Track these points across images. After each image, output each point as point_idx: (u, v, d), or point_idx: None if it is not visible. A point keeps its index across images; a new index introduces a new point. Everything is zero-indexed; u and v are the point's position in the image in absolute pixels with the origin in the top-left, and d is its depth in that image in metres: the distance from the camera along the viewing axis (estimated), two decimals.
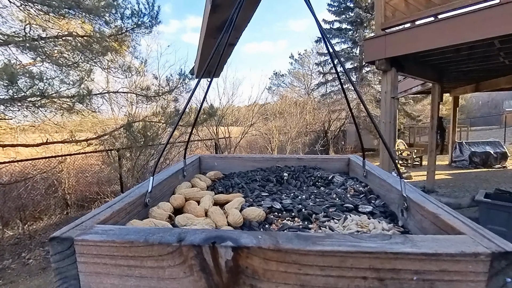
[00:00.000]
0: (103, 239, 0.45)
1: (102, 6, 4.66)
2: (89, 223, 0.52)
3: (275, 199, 0.86)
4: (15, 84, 3.56)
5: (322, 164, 1.27)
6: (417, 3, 4.60)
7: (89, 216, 0.55)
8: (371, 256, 0.39)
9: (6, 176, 5.68)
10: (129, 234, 0.46)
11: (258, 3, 1.05)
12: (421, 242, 0.42)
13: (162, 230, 0.47)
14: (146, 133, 5.61)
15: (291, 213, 0.76)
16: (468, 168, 10.04)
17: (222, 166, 1.27)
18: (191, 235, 0.44)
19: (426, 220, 0.60)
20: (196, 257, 0.42)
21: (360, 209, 0.78)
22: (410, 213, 0.68)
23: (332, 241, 0.42)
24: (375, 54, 4.83)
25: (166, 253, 0.43)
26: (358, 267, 0.40)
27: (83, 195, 6.96)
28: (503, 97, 32.20)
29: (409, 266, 0.39)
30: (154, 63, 17.34)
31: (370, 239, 0.43)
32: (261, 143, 12.06)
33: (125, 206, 0.64)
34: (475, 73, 7.26)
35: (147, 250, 0.43)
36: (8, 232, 5.33)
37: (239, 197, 0.86)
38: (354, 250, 0.40)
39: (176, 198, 0.82)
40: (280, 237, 0.43)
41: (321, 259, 0.40)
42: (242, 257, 0.41)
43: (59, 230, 0.48)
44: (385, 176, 0.90)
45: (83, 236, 0.46)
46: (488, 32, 3.62)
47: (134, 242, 0.44)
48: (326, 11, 17.83)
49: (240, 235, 0.44)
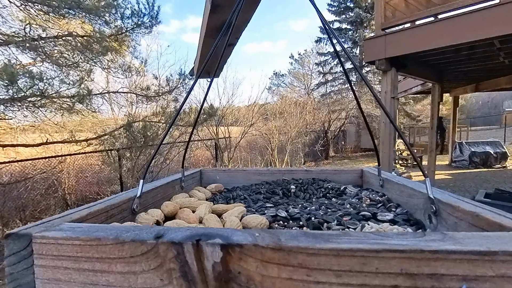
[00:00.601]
0: (65, 236, 0.38)
1: (102, 6, 4.66)
2: (58, 221, 0.45)
3: (279, 208, 0.79)
4: (15, 84, 3.56)
5: (333, 176, 1.16)
6: (417, 3, 4.60)
7: (61, 215, 0.50)
8: (403, 255, 0.30)
9: (6, 176, 5.68)
10: (99, 231, 0.38)
11: (258, 4, 1.05)
12: (467, 239, 0.32)
13: (139, 228, 0.39)
14: (146, 133, 5.62)
15: (299, 222, 0.67)
16: (468, 168, 10.03)
17: (225, 180, 1.19)
18: (173, 232, 0.36)
19: (463, 222, 0.51)
20: (176, 258, 0.34)
21: (379, 217, 0.67)
22: (441, 217, 0.58)
23: (349, 238, 0.33)
24: (375, 54, 4.83)
25: (139, 254, 0.35)
26: (386, 271, 0.30)
27: (83, 195, 6.96)
28: (503, 97, 32.21)
29: (455, 270, 0.29)
30: (154, 63, 17.37)
31: (398, 236, 0.33)
32: (261, 143, 12.06)
33: (105, 207, 0.57)
34: (475, 73, 7.26)
35: (117, 250, 0.36)
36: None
37: (239, 207, 0.79)
38: (380, 248, 0.30)
39: (167, 205, 0.74)
40: (282, 235, 0.34)
41: (336, 260, 0.30)
42: (233, 258, 0.32)
43: (23, 226, 0.42)
44: (405, 181, 0.81)
45: (44, 232, 0.39)
46: (488, 32, 3.62)
47: (102, 239, 0.36)
48: (326, 11, 17.86)
49: (233, 232, 0.35)
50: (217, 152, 9.30)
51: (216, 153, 9.30)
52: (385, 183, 0.92)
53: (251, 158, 11.24)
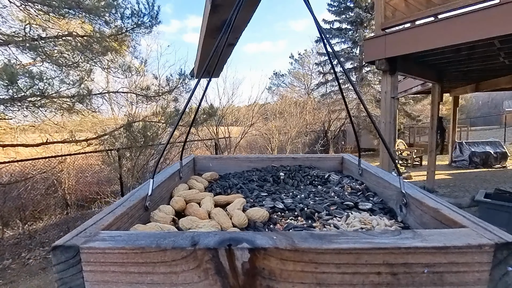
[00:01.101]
0: (111, 246, 0.43)
1: (102, 6, 4.65)
2: (93, 230, 0.49)
3: (275, 199, 0.86)
4: (15, 84, 3.56)
5: (317, 163, 1.29)
6: (417, 3, 4.60)
7: (91, 222, 0.53)
8: (385, 251, 0.41)
9: (6, 176, 5.68)
10: (139, 239, 0.44)
11: (258, 4, 1.05)
12: (430, 236, 0.44)
13: (173, 234, 0.45)
14: (146, 133, 5.61)
15: (294, 212, 0.76)
16: (468, 168, 10.04)
17: (218, 167, 1.26)
18: (205, 238, 0.43)
19: (426, 215, 0.62)
20: (212, 260, 0.41)
21: (360, 206, 0.79)
22: (410, 209, 0.70)
23: (346, 238, 0.43)
24: (375, 54, 4.83)
25: (180, 258, 0.42)
26: (372, 263, 0.41)
27: (83, 195, 6.96)
28: (503, 97, 32.20)
29: (421, 260, 0.41)
30: (154, 63, 17.37)
31: (382, 236, 0.44)
32: (261, 143, 12.07)
33: (127, 210, 0.62)
34: (475, 73, 7.26)
35: (160, 256, 0.42)
36: (8, 232, 5.33)
37: (240, 198, 0.85)
38: (370, 246, 0.41)
39: (177, 201, 0.81)
40: (295, 237, 0.43)
41: (337, 257, 0.41)
42: (259, 258, 0.41)
43: (62, 238, 0.45)
44: (382, 174, 0.92)
45: (90, 243, 0.44)
46: (488, 32, 3.62)
47: (146, 248, 0.42)
48: (326, 11, 17.83)
49: (254, 236, 0.43)
50: (217, 152, 9.31)
51: (216, 153, 9.30)
52: (364, 172, 1.03)
53: None
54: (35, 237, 5.19)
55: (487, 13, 3.62)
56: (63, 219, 6.05)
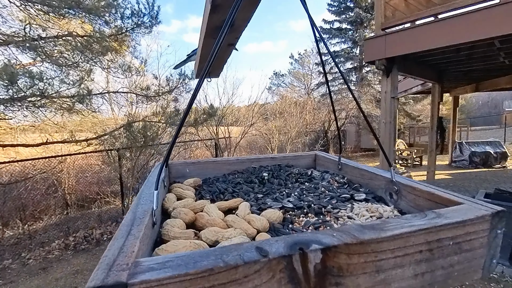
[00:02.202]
0: (171, 275, 0.36)
1: (102, 6, 4.65)
2: (126, 260, 0.41)
3: (276, 199, 0.86)
4: (15, 84, 3.56)
5: (293, 161, 1.31)
6: (417, 3, 4.60)
7: (115, 249, 0.44)
8: (426, 231, 0.47)
9: (6, 176, 5.68)
10: (198, 261, 0.38)
11: (258, 3, 1.04)
12: (449, 214, 0.52)
13: (232, 248, 0.41)
14: (146, 133, 5.61)
15: (303, 210, 0.77)
16: (468, 168, 10.03)
17: (196, 172, 1.15)
18: (271, 246, 0.41)
19: (420, 198, 0.71)
20: (286, 268, 0.39)
21: (356, 198, 0.84)
22: (401, 195, 0.77)
23: (393, 225, 0.48)
24: (375, 54, 4.83)
25: (253, 272, 0.38)
26: (417, 243, 0.47)
27: (83, 195, 6.96)
28: (503, 97, 32.21)
29: (448, 234, 0.49)
30: (154, 63, 17.40)
31: (416, 219, 0.50)
32: (261, 143, 12.06)
33: (145, 230, 0.53)
34: (475, 73, 7.26)
35: (230, 275, 0.37)
36: (8, 232, 5.33)
37: (243, 202, 0.83)
38: (415, 229, 0.47)
39: (186, 213, 0.74)
40: (352, 231, 0.46)
41: (392, 243, 0.45)
42: (330, 257, 0.41)
43: (94, 277, 0.36)
44: (364, 167, 0.99)
45: (140, 276, 0.36)
46: (488, 32, 3.62)
47: (214, 268, 0.37)
48: (326, 11, 17.85)
49: (316, 236, 0.44)
50: (217, 152, 9.30)
51: (216, 153, 9.29)
52: (343, 167, 1.09)
53: None
54: (35, 237, 5.19)
55: (487, 13, 3.62)
56: (63, 219, 6.05)
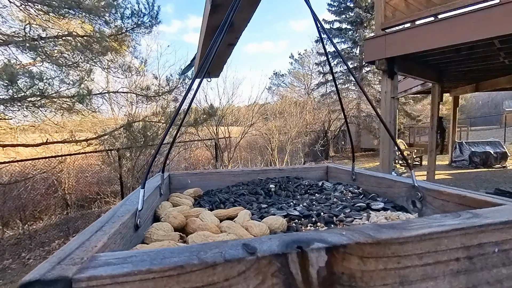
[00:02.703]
0: (129, 271, 0.28)
1: (102, 6, 4.65)
2: (83, 254, 0.34)
3: (281, 208, 0.79)
4: (15, 84, 3.56)
5: (302, 173, 1.22)
6: (417, 3, 4.60)
7: (75, 244, 0.37)
8: (462, 232, 0.38)
9: (6, 176, 5.68)
10: (167, 257, 0.31)
11: (258, 3, 1.04)
12: (488, 214, 0.42)
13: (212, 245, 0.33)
14: (146, 133, 5.61)
15: (311, 219, 0.70)
16: (468, 168, 10.03)
17: (197, 184, 1.08)
18: (262, 243, 0.33)
19: (450, 203, 0.60)
20: (280, 271, 0.31)
21: (373, 207, 0.76)
22: (426, 201, 0.66)
23: (418, 225, 0.39)
24: (375, 54, 4.83)
25: (236, 274, 0.30)
26: (452, 247, 0.37)
27: (83, 195, 6.96)
28: (503, 97, 32.21)
29: (491, 238, 0.39)
30: (154, 63, 17.33)
31: (447, 219, 0.41)
32: (261, 143, 12.06)
33: (119, 228, 0.46)
34: (475, 73, 7.26)
35: (206, 275, 0.29)
36: (8, 232, 5.33)
37: (243, 210, 0.77)
38: (448, 228, 0.37)
39: (176, 216, 0.67)
40: (367, 230, 0.37)
41: (419, 245, 0.36)
42: (337, 260, 0.32)
43: (37, 269, 0.29)
44: (381, 174, 0.90)
45: (90, 271, 0.28)
46: (488, 32, 3.62)
47: (186, 266, 0.29)
48: (326, 11, 17.83)
49: (321, 234, 0.35)
50: (217, 152, 9.30)
51: (216, 153, 9.29)
52: (358, 177, 1.00)
53: (251, 158, 11.24)
54: (35, 237, 5.19)
55: (487, 13, 3.62)
56: (63, 219, 6.05)
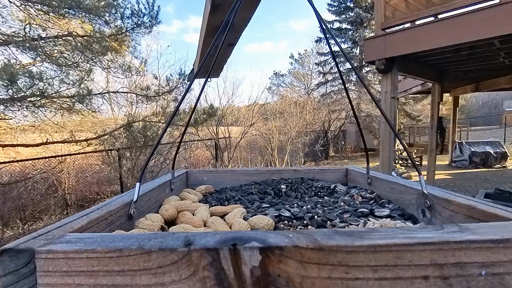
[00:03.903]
0: (78, 249, 0.33)
1: (102, 6, 4.65)
2: (58, 232, 0.40)
3: (280, 209, 0.79)
4: (15, 84, 3.56)
5: (319, 175, 1.20)
6: (417, 3, 4.61)
7: (58, 224, 0.44)
8: (432, 248, 0.32)
9: (6, 176, 5.68)
10: (116, 241, 0.35)
11: (258, 3, 1.04)
12: (481, 229, 0.36)
13: (161, 235, 0.36)
14: (146, 133, 5.61)
15: (303, 221, 0.68)
16: (468, 168, 10.03)
17: (213, 181, 1.16)
18: (202, 238, 0.34)
19: (459, 214, 0.54)
20: (211, 265, 0.32)
21: (376, 213, 0.71)
22: (435, 211, 0.61)
23: (381, 234, 0.35)
24: (375, 54, 4.83)
25: (169, 263, 0.33)
26: (418, 263, 0.32)
27: (83, 195, 6.96)
28: (503, 97, 32.22)
29: (476, 258, 0.32)
30: (154, 63, 17.32)
31: (423, 230, 0.36)
32: (261, 143, 12.06)
33: (105, 214, 0.53)
34: (475, 73, 7.26)
35: (142, 261, 0.33)
36: (8, 232, 5.33)
37: (239, 208, 0.77)
38: (413, 242, 0.32)
39: (167, 209, 0.71)
40: (317, 235, 0.35)
41: (373, 256, 0.32)
42: (273, 261, 0.32)
43: (16, 240, 0.36)
44: (395, 179, 0.86)
45: (50, 246, 0.34)
46: (488, 32, 3.62)
47: (124, 250, 0.33)
48: (326, 11, 17.85)
49: (265, 234, 0.35)
50: (217, 152, 9.30)
51: (216, 153, 9.29)
52: (373, 181, 0.95)
53: (251, 158, 11.24)
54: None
55: (487, 13, 3.62)
56: (63, 219, 6.04)
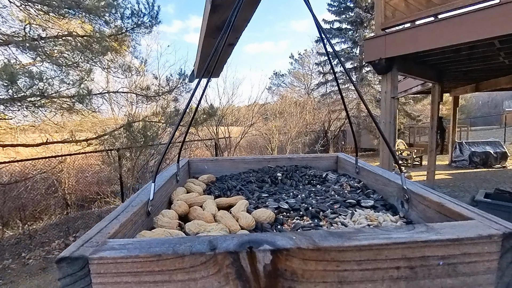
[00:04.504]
0: (124, 255, 0.40)
1: (102, 6, 4.65)
2: (99, 238, 0.47)
3: (278, 200, 0.86)
4: (15, 84, 3.56)
5: (312, 162, 1.29)
6: (417, 3, 4.60)
7: (95, 230, 0.50)
8: (404, 246, 0.42)
9: (6, 176, 5.68)
10: (153, 246, 0.42)
11: (258, 3, 1.04)
12: (442, 229, 0.45)
13: (188, 239, 0.44)
14: (146, 133, 5.61)
15: (299, 212, 0.76)
16: (468, 168, 10.03)
17: (213, 169, 1.23)
18: (223, 242, 0.42)
19: (430, 209, 0.64)
20: (233, 264, 0.40)
21: (362, 204, 0.80)
22: (412, 204, 0.71)
23: (365, 235, 0.44)
24: (375, 54, 4.83)
25: (199, 264, 0.40)
26: (392, 258, 0.42)
27: (83, 195, 6.96)
28: (503, 97, 32.22)
29: (436, 252, 0.42)
30: (154, 63, 17.28)
31: (398, 231, 0.45)
32: (261, 143, 12.07)
33: (131, 217, 0.59)
34: (475, 73, 7.26)
35: (177, 262, 0.40)
36: (8, 232, 5.33)
37: (242, 200, 0.84)
38: (389, 242, 0.42)
39: (180, 205, 0.79)
40: (315, 236, 0.43)
41: (358, 253, 0.41)
42: (281, 259, 0.40)
43: (67, 249, 0.42)
44: (380, 171, 0.93)
45: (100, 253, 0.41)
46: (488, 32, 3.62)
47: (162, 255, 0.40)
48: (326, 11, 17.83)
49: (274, 237, 0.43)
50: (217, 152, 9.30)
51: (216, 153, 9.30)
52: (361, 170, 1.04)
53: None
54: (35, 237, 5.19)
55: (487, 13, 3.62)
56: (63, 219, 6.05)
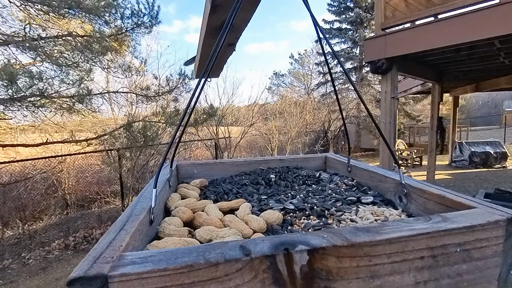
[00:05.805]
0: (150, 269, 0.36)
1: (102, 6, 4.65)
2: (112, 253, 0.41)
3: (279, 201, 0.84)
4: (14, 84, 3.56)
5: (303, 163, 1.29)
6: (417, 3, 4.60)
7: (105, 244, 0.44)
8: (428, 236, 0.44)
9: (6, 176, 5.68)
10: (179, 257, 0.38)
11: (258, 3, 1.04)
12: (456, 218, 0.48)
13: (217, 246, 0.41)
14: (146, 133, 5.61)
15: (305, 212, 0.75)
16: (468, 168, 10.03)
17: (203, 173, 1.17)
18: (256, 246, 0.40)
19: (430, 201, 0.66)
20: (269, 268, 0.38)
21: (363, 200, 0.81)
22: (411, 198, 0.73)
23: (391, 228, 0.45)
24: (375, 54, 4.82)
25: (234, 271, 0.37)
26: (417, 248, 0.43)
27: (83, 195, 6.96)
28: (503, 97, 32.21)
29: (454, 240, 0.45)
30: (154, 63, 17.26)
31: (419, 222, 0.47)
32: (261, 143, 12.06)
33: (138, 226, 0.54)
34: (475, 73, 7.25)
35: (211, 272, 0.37)
36: (8, 232, 5.33)
37: (245, 203, 0.82)
38: (415, 233, 0.43)
39: (184, 212, 0.74)
40: (345, 233, 0.43)
41: (388, 247, 0.42)
42: (317, 259, 0.39)
43: (78, 267, 0.37)
44: (374, 168, 0.95)
45: (120, 269, 0.36)
46: (488, 32, 3.62)
47: (194, 265, 0.36)
48: (326, 11, 17.83)
49: (305, 237, 0.42)
50: (217, 152, 9.30)
51: (216, 153, 9.29)
52: (353, 169, 1.06)
53: None
54: (35, 237, 5.19)
55: (487, 13, 3.62)
56: (63, 219, 6.05)
